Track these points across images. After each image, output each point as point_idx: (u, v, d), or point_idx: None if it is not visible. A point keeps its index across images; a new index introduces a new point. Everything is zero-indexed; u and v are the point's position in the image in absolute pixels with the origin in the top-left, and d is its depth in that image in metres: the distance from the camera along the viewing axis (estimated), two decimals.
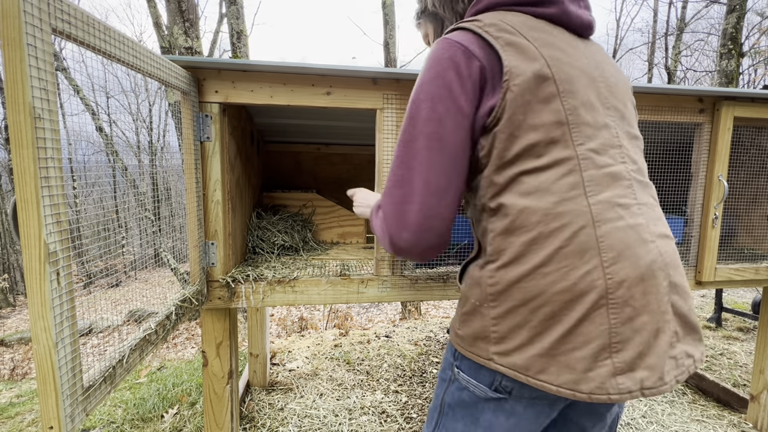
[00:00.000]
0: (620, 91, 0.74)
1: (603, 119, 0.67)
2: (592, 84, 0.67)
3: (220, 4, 8.17)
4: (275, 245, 1.66)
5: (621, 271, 0.61)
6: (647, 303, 0.62)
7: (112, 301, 7.63)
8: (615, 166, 0.66)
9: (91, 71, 11.31)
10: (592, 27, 0.74)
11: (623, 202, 0.65)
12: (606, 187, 0.64)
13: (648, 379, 0.61)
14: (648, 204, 0.69)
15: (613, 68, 0.76)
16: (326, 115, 1.68)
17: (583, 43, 0.72)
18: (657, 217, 0.70)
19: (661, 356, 0.62)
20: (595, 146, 0.64)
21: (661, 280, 0.63)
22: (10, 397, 2.62)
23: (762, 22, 8.13)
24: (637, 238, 0.63)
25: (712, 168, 1.46)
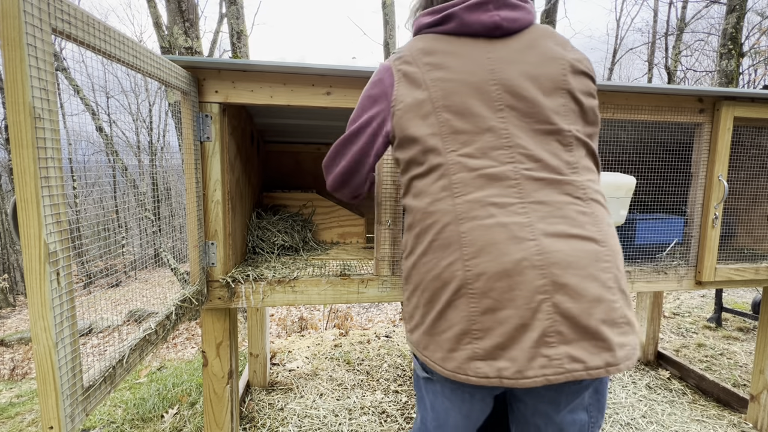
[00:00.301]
0: (535, 85, 0.72)
1: (488, 123, 0.72)
2: (478, 91, 0.73)
3: (220, 4, 8.17)
4: (275, 245, 1.66)
5: (480, 264, 0.67)
6: (512, 298, 0.66)
7: (112, 301, 7.63)
8: (497, 167, 0.70)
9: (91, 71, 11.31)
10: (502, 27, 0.75)
11: (498, 201, 0.69)
12: (478, 188, 0.70)
13: (506, 370, 0.66)
14: (549, 203, 0.69)
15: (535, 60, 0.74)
16: (326, 115, 1.68)
17: (489, 46, 0.75)
18: (562, 216, 0.68)
19: (525, 351, 0.65)
20: (470, 151, 0.71)
21: (531, 277, 0.65)
22: (10, 397, 2.62)
23: (762, 22, 8.14)
24: (508, 235, 0.67)
25: (712, 168, 1.46)
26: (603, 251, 0.69)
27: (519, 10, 0.76)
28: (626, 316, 0.69)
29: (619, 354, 0.66)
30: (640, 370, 2.37)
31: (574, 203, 0.70)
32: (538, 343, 0.65)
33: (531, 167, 0.70)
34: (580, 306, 0.65)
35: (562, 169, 0.71)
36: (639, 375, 2.30)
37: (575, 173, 0.72)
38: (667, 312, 3.44)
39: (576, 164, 0.72)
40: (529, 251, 0.66)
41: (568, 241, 0.67)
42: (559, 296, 0.65)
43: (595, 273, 0.67)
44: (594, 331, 0.65)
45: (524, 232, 0.67)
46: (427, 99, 0.74)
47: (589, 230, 0.69)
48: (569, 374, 0.65)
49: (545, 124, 0.72)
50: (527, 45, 0.75)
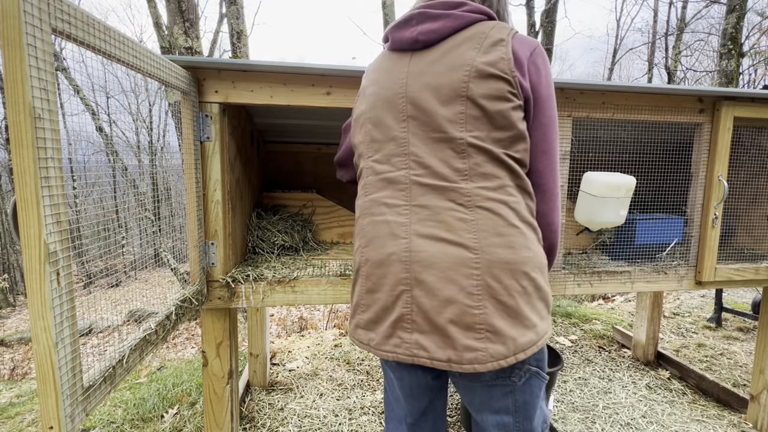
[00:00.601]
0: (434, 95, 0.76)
1: (392, 133, 0.80)
2: (389, 104, 0.81)
3: (220, 4, 8.17)
4: (275, 245, 1.66)
5: (368, 253, 0.81)
6: (383, 284, 0.78)
7: (112, 301, 7.63)
8: (394, 172, 0.80)
9: (91, 71, 11.31)
10: (419, 40, 0.80)
11: (390, 202, 0.80)
12: (378, 189, 0.82)
13: (373, 341, 0.80)
14: (430, 207, 0.76)
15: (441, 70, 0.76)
16: (326, 115, 1.68)
17: (410, 59, 0.82)
18: (439, 220, 0.74)
19: (386, 329, 0.78)
20: (378, 157, 0.82)
21: (397, 271, 0.76)
22: (10, 397, 2.62)
23: (762, 22, 8.14)
24: (389, 232, 0.78)
25: (712, 168, 1.46)
26: (471, 258, 0.72)
27: (441, 19, 0.79)
28: (492, 325, 0.71)
29: (466, 355, 0.71)
30: (640, 370, 2.37)
31: (454, 209, 0.74)
32: (395, 325, 0.76)
33: (420, 173, 0.77)
34: (431, 303, 0.73)
35: (449, 176, 0.76)
36: (639, 375, 2.30)
37: (465, 180, 0.75)
38: (667, 312, 3.44)
39: (467, 171, 0.75)
40: (399, 247, 0.76)
41: (435, 243, 0.74)
42: (417, 290, 0.74)
43: (454, 277, 0.72)
44: (441, 327, 0.73)
45: (401, 230, 0.77)
46: (363, 111, 0.87)
47: (461, 236, 0.73)
48: (415, 358, 0.75)
49: (439, 132, 0.76)
50: (441, 54, 0.78)
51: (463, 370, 0.71)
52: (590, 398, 2.05)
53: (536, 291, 0.75)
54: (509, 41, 0.75)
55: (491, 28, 0.77)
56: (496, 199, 0.75)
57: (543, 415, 0.86)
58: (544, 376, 0.83)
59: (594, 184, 1.38)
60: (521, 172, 0.78)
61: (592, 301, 4.40)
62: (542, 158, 0.81)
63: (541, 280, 0.77)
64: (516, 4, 7.08)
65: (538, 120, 0.79)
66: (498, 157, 0.75)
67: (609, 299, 4.08)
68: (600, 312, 3.47)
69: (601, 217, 1.40)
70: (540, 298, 0.76)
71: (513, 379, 0.79)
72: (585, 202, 1.42)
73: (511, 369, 0.78)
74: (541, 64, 0.78)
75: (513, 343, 0.71)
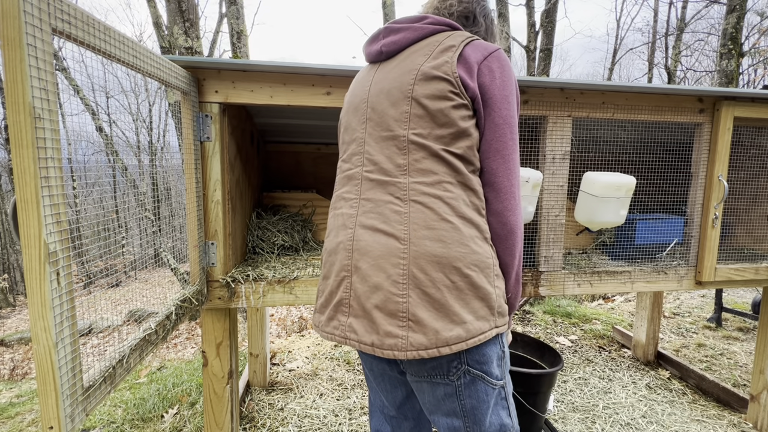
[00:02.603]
0: (386, 98, 0.82)
1: (355, 134, 0.87)
2: (355, 110, 0.89)
3: (220, 4, 8.17)
4: (275, 245, 1.66)
5: (327, 243, 0.89)
6: (332, 271, 0.84)
7: (112, 301, 7.63)
8: (353, 169, 0.86)
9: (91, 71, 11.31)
10: (382, 52, 0.88)
11: (347, 196, 0.86)
12: (342, 186, 0.89)
13: (321, 323, 0.85)
14: (373, 200, 0.81)
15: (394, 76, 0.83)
16: (326, 115, 1.68)
17: (376, 70, 0.90)
18: (378, 212, 0.79)
19: (329, 312, 0.83)
20: (345, 157, 0.90)
21: (342, 257, 0.82)
22: (10, 397, 2.62)
23: (762, 22, 8.13)
24: (341, 223, 0.85)
25: (712, 168, 1.46)
26: (400, 248, 0.76)
27: (401, 32, 0.86)
28: (415, 315, 0.74)
29: (387, 341, 0.74)
30: (640, 370, 2.37)
31: (392, 202, 0.79)
32: (336, 308, 0.82)
33: (370, 170, 0.83)
34: (362, 288, 0.78)
35: (391, 171, 0.80)
36: (639, 375, 2.30)
37: (404, 175, 0.79)
38: (667, 312, 3.44)
39: (407, 167, 0.79)
40: (346, 236, 0.82)
41: (373, 233, 0.79)
42: (354, 277, 0.79)
43: (384, 265, 0.76)
44: (368, 312, 0.77)
45: (350, 221, 0.83)
46: (341, 117, 0.96)
47: (394, 228, 0.78)
48: (347, 340, 0.79)
49: (387, 131, 0.82)
50: (398, 63, 0.85)
51: (384, 355, 0.74)
52: (590, 398, 2.04)
53: (471, 288, 0.76)
54: (460, 47, 0.80)
55: (447, 38, 0.83)
56: (431, 194, 0.78)
57: (499, 422, 0.84)
58: (491, 382, 0.81)
59: (594, 184, 1.38)
60: (463, 169, 0.80)
61: (592, 301, 4.40)
62: (496, 157, 0.82)
63: (479, 278, 0.76)
64: (516, 4, 7.08)
65: (492, 119, 0.81)
66: (437, 154, 0.79)
67: (609, 299, 4.08)
68: (600, 312, 3.47)
69: (601, 217, 1.40)
70: (477, 297, 0.76)
71: (451, 378, 0.80)
72: (585, 202, 1.42)
73: (447, 367, 0.79)
74: (496, 68, 0.81)
75: (435, 336, 0.73)
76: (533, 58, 6.86)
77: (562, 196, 1.37)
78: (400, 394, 0.96)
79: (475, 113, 0.82)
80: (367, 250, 0.78)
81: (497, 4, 6.24)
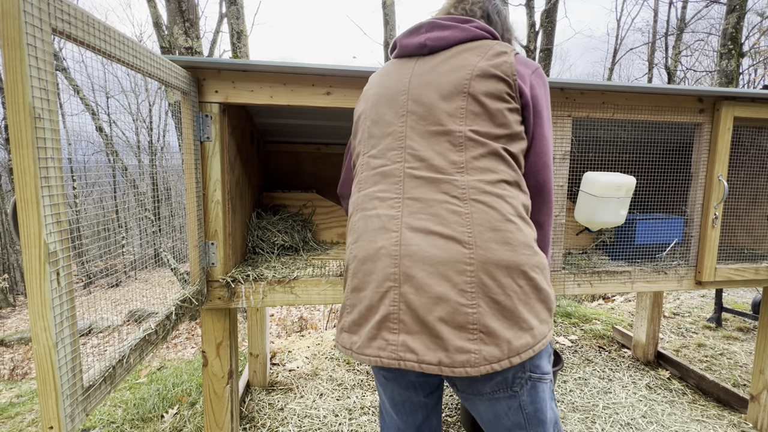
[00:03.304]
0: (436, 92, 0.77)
1: (391, 128, 0.80)
2: (390, 101, 0.82)
3: (220, 4, 8.17)
4: (275, 245, 1.66)
5: (356, 249, 0.78)
6: (369, 281, 0.73)
7: (112, 301, 7.63)
8: (388, 165, 0.78)
9: (91, 71, 11.31)
10: (426, 45, 0.83)
11: (382, 195, 0.77)
12: (372, 184, 0.80)
13: (355, 344, 0.74)
14: (423, 200, 0.73)
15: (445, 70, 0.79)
16: (326, 115, 1.68)
17: (416, 63, 0.85)
18: (431, 213, 0.72)
19: (370, 331, 0.72)
20: (375, 152, 0.82)
21: (385, 265, 0.71)
22: (10, 397, 2.62)
23: (762, 22, 8.13)
24: (379, 225, 0.75)
25: (712, 168, 1.46)
26: (465, 253, 0.68)
27: (450, 29, 0.83)
28: (485, 325, 0.67)
29: (458, 357, 0.66)
30: (640, 370, 2.37)
31: (449, 202, 0.72)
32: (380, 326, 0.71)
33: (415, 166, 0.75)
34: (420, 300, 0.68)
35: (445, 169, 0.74)
36: (639, 375, 2.30)
37: (461, 173, 0.73)
38: (667, 312, 3.44)
39: (464, 164, 0.74)
40: (389, 240, 0.72)
41: (426, 236, 0.70)
42: (405, 287, 0.69)
43: (447, 272, 0.68)
44: (431, 327, 0.68)
45: (391, 223, 0.74)
46: (363, 110, 0.88)
47: (454, 230, 0.70)
48: (402, 362, 0.69)
49: (437, 125, 0.76)
50: (445, 59, 0.81)
51: (454, 373, 0.66)
52: (590, 398, 2.04)
53: (535, 291, 0.72)
54: (511, 54, 0.79)
55: (496, 44, 0.82)
56: (493, 193, 0.73)
57: (554, 415, 0.81)
58: (546, 379, 0.79)
59: (594, 184, 1.38)
60: (518, 169, 0.78)
61: (592, 301, 4.40)
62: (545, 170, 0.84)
63: (542, 280, 0.74)
64: (516, 4, 7.08)
65: (542, 132, 0.82)
66: (496, 152, 0.75)
67: (609, 299, 4.08)
68: (600, 312, 3.47)
69: (601, 217, 1.40)
70: (539, 300, 0.72)
71: (515, 389, 0.74)
72: (585, 202, 1.42)
73: (512, 378, 0.74)
74: (543, 83, 0.83)
75: (507, 346, 0.67)
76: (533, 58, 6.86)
77: (562, 196, 1.37)
78: (420, 416, 0.90)
79: (523, 121, 0.81)
80: (422, 256, 0.69)
81: None
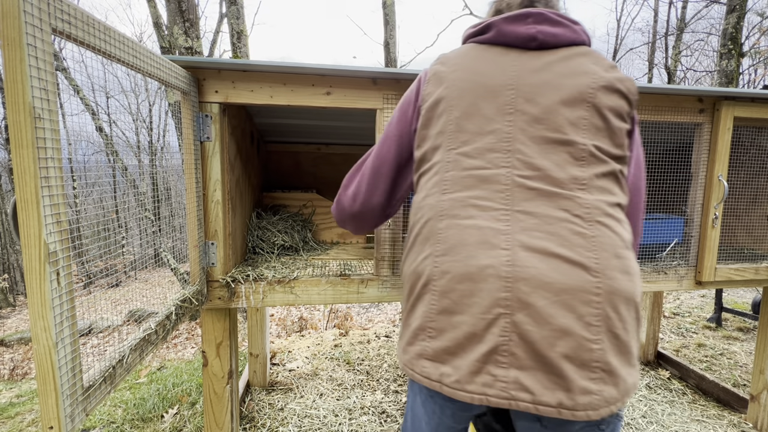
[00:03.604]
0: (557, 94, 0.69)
1: (493, 126, 0.69)
2: (491, 93, 0.71)
3: (220, 4, 8.17)
4: (275, 245, 1.66)
5: (447, 263, 0.65)
6: (470, 304, 0.62)
7: (112, 301, 7.63)
8: (489, 169, 0.68)
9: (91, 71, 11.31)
10: (536, 39, 0.73)
11: (482, 203, 0.66)
12: (465, 188, 0.68)
13: (448, 377, 0.63)
14: (538, 215, 0.64)
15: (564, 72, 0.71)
16: (326, 115, 1.68)
17: (520, 56, 0.74)
18: (550, 232, 0.62)
19: (470, 362, 0.62)
20: (467, 150, 0.70)
21: (494, 288, 0.61)
22: (10, 397, 2.62)
23: (762, 22, 8.13)
24: (481, 239, 0.64)
25: (712, 168, 1.46)
26: (592, 282, 0.60)
27: (560, 26, 0.74)
28: (608, 363, 0.60)
29: (580, 399, 0.59)
30: (640, 370, 2.37)
31: (571, 221, 0.63)
32: (486, 359, 0.61)
33: (527, 175, 0.66)
34: (541, 332, 0.59)
35: (565, 183, 0.65)
36: (639, 375, 2.30)
37: (583, 190, 0.65)
38: (667, 312, 3.44)
39: (586, 181, 0.65)
40: (498, 259, 0.62)
41: (548, 259, 0.61)
42: (520, 315, 0.60)
43: (571, 302, 0.60)
44: (552, 363, 0.59)
45: (498, 239, 0.63)
46: (444, 97, 0.74)
47: (580, 254, 0.61)
48: (513, 402, 0.60)
49: (556, 132, 0.67)
50: (561, 59, 0.72)
51: (575, 417, 0.59)
52: None
53: (638, 323, 0.66)
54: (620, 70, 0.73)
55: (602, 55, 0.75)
56: (613, 216, 0.65)
57: None
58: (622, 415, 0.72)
59: None
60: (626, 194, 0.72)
61: None
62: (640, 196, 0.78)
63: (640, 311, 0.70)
64: None
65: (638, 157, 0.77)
66: (614, 172, 0.68)
67: None
68: None
69: None
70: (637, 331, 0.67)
71: (602, 428, 0.67)
72: None
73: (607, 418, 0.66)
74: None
75: (623, 384, 0.61)
76: None
77: None
78: None
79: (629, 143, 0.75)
80: (543, 281, 0.60)
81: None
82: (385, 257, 1.29)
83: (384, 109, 1.23)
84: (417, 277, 0.69)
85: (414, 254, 0.72)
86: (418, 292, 0.69)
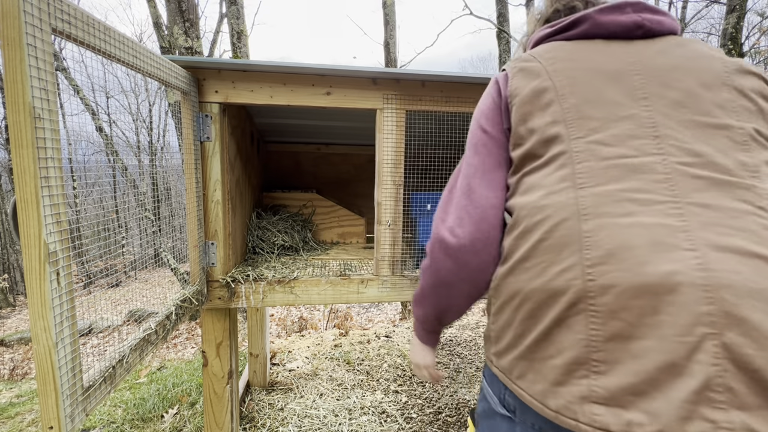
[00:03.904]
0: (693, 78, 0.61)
1: (628, 111, 0.60)
2: (614, 78, 0.63)
3: (220, 4, 8.17)
4: (275, 245, 1.66)
5: (609, 273, 0.51)
6: (656, 324, 0.48)
7: (112, 301, 7.64)
8: (638, 157, 0.56)
9: (91, 71, 11.32)
10: (644, 26, 0.67)
11: (640, 197, 0.54)
12: (611, 179, 0.56)
13: (641, 427, 0.47)
14: (717, 207, 0.52)
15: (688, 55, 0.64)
16: (326, 115, 1.68)
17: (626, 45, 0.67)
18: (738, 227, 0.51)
19: (676, 405, 0.46)
20: (602, 137, 0.59)
21: (691, 299, 0.47)
22: (10, 397, 2.62)
23: (762, 22, 8.14)
24: (652, 240, 0.51)
25: None
26: None
27: (661, 14, 0.69)
28: None
29: None
30: None
31: (756, 214, 0.52)
32: (697, 398, 0.45)
33: (689, 162, 0.55)
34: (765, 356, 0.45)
35: (735, 170, 0.55)
36: None
37: (755, 178, 0.55)
38: None
39: (756, 168, 0.56)
40: (685, 263, 0.49)
41: (750, 260, 0.48)
42: (732, 335, 0.46)
43: None
44: None
45: (677, 238, 0.50)
46: (549, 87, 0.65)
47: None
48: None
49: (706, 116, 0.58)
50: (674, 44, 0.66)
51: None
52: None
53: None
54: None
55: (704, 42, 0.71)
56: None
57: None
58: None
59: None
60: None
61: None
62: None
63: None
64: (516, 5, 7.08)
65: None
66: None
67: None
68: None
69: None
70: None
71: None
72: None
73: None
74: None
75: None
76: None
77: None
78: None
79: None
80: (752, 288, 0.47)
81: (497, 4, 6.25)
82: (385, 257, 1.29)
83: (384, 109, 1.23)
84: (550, 296, 0.55)
85: (536, 266, 0.57)
86: (557, 315, 0.54)
